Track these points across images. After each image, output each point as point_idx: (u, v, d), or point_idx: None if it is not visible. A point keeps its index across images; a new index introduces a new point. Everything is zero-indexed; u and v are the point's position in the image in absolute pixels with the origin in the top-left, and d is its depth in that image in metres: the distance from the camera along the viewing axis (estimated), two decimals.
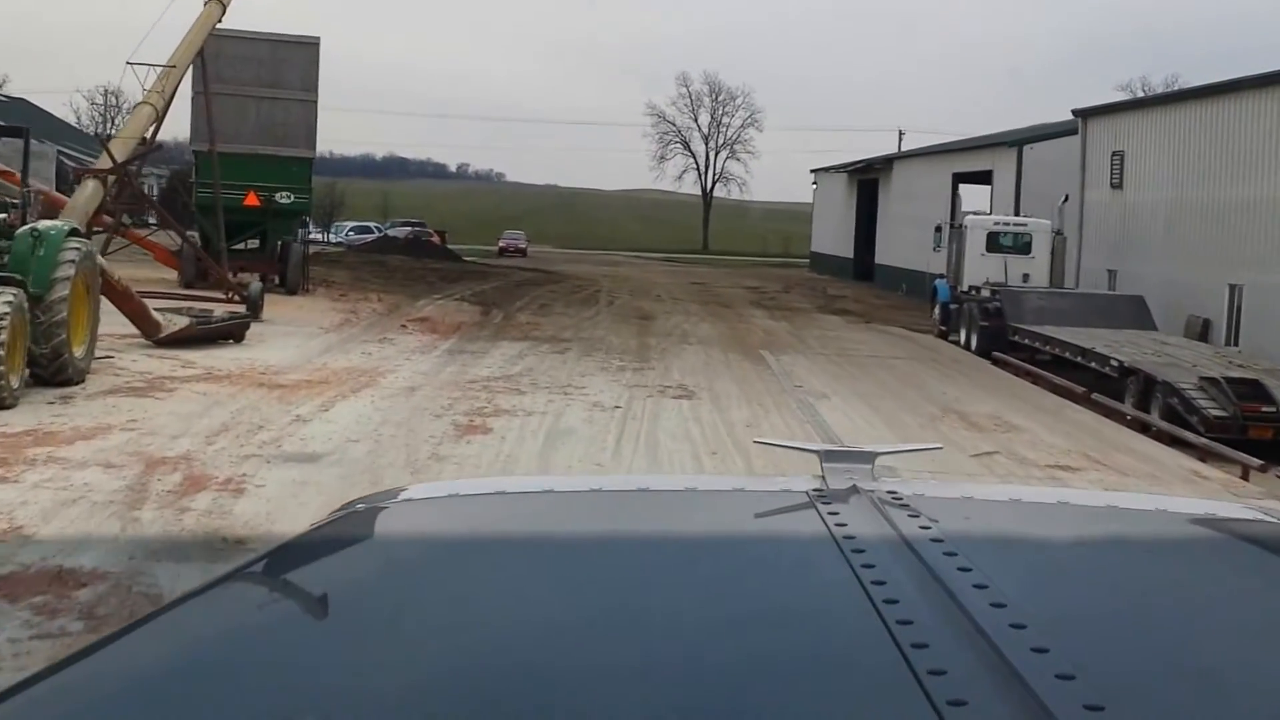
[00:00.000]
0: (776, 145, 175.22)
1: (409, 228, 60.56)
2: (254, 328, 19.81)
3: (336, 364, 16.66)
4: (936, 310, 27.80)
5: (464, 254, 58.31)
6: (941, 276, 28.50)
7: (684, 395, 15.31)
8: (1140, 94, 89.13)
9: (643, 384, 16.22)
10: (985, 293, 24.65)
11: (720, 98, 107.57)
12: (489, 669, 1.22)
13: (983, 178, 36.52)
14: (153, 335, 16.78)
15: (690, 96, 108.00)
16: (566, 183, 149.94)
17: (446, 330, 21.56)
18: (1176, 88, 45.55)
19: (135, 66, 19.09)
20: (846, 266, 52.40)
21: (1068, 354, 20.00)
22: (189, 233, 25.72)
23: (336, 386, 14.86)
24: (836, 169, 55.25)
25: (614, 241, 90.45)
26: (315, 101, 25.63)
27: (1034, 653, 1.15)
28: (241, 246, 26.28)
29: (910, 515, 1.58)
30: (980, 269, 26.27)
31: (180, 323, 17.01)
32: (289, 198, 25.43)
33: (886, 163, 46.73)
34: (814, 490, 1.73)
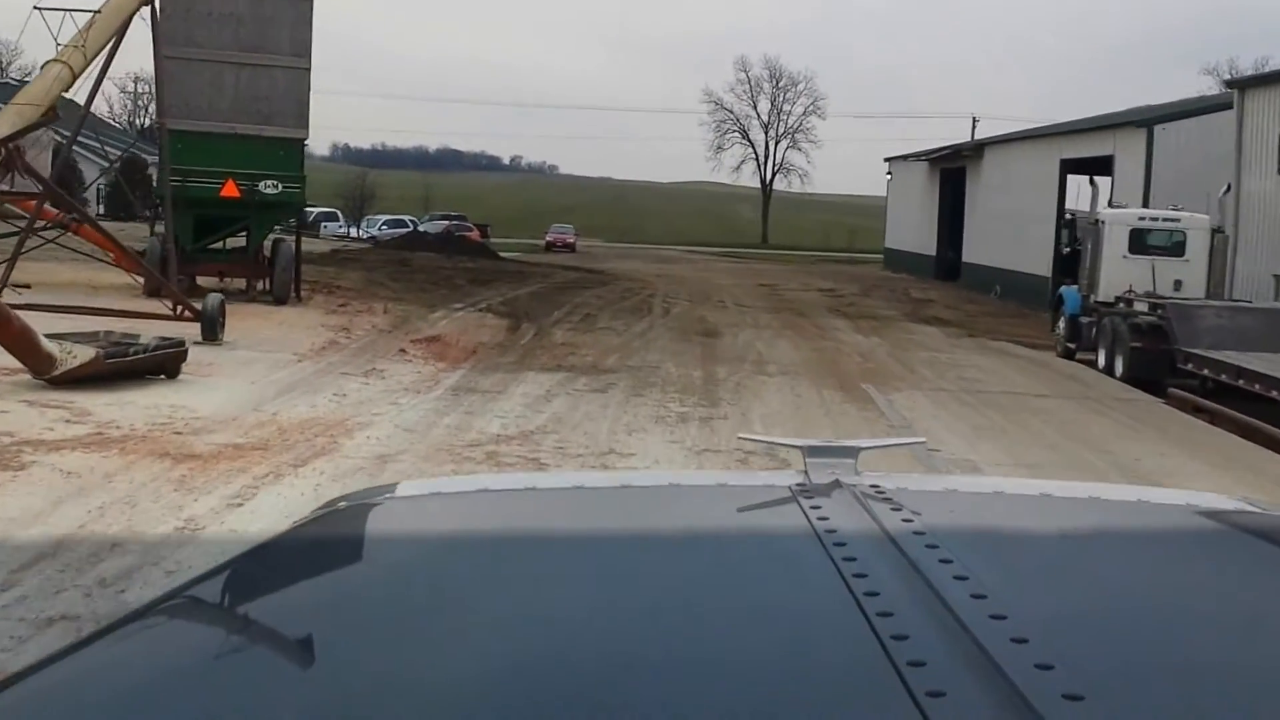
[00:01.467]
0: (840, 133, 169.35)
1: (447, 221, 56.26)
2: (210, 353, 15.33)
3: (291, 414, 12.07)
4: (1062, 323, 22.79)
5: (508, 249, 54.59)
6: (1068, 281, 23.48)
7: (776, 468, 10.54)
8: (1228, 77, 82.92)
9: (714, 446, 11.48)
10: (1141, 306, 19.61)
11: (781, 83, 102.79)
12: (471, 666, 1.20)
13: (1099, 165, 31.35)
14: (44, 373, 12.31)
15: (749, 82, 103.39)
16: (620, 175, 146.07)
17: (458, 355, 16.92)
18: (1270, 69, 39.72)
19: (45, 13, 14.56)
20: (926, 264, 47.35)
21: (1275, 393, 14.95)
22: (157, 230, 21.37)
23: (275, 456, 10.28)
24: (915, 157, 50.07)
25: (668, 236, 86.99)
26: (308, 70, 21.02)
27: (1013, 643, 1.13)
28: (219, 246, 21.83)
29: (893, 509, 1.57)
30: (1121, 274, 21.25)
31: (84, 355, 12.51)
32: (275, 187, 20.87)
33: (977, 149, 41.49)
34: (797, 485, 1.70)
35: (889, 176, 56.17)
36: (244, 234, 21.92)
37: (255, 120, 20.72)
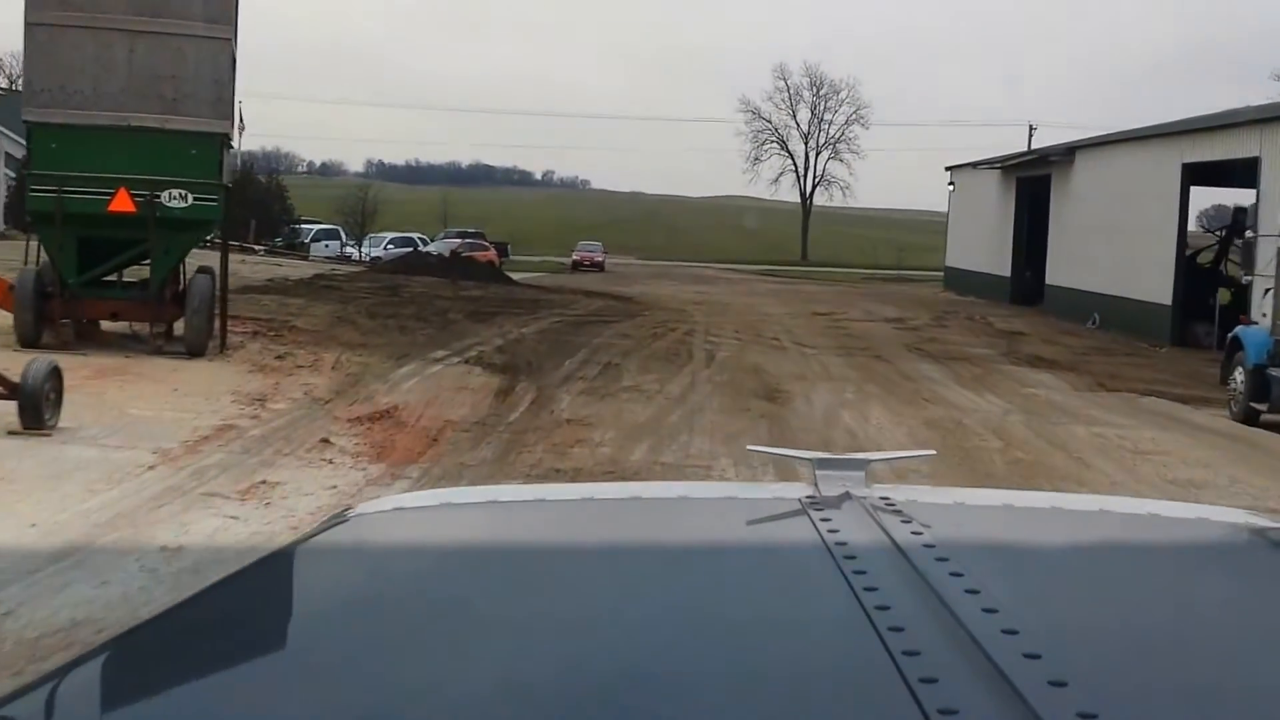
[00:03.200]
0: (882, 144, 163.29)
1: (461, 239, 51.00)
2: (20, 452, 9.98)
3: (40, 613, 6.54)
4: (1238, 374, 17.10)
5: (530, 269, 49.81)
6: (1245, 319, 17.80)
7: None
8: None
9: None
10: None
11: (822, 91, 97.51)
12: (480, 678, 1.19)
13: (1238, 170, 25.63)
14: None
15: (789, 90, 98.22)
16: (653, 189, 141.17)
17: (410, 447, 11.37)
18: None
19: None
20: (997, 286, 41.64)
21: None
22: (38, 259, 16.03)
23: None
24: (985, 165, 44.31)
25: (703, 252, 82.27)
26: (229, 40, 15.57)
27: (1026, 659, 1.11)
28: (114, 279, 16.41)
29: (903, 521, 1.54)
30: None
31: None
32: (185, 199, 15.44)
33: (1067, 153, 35.70)
34: (806, 497, 1.68)
35: (950, 187, 50.49)
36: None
37: (157, 109, 15.28)
